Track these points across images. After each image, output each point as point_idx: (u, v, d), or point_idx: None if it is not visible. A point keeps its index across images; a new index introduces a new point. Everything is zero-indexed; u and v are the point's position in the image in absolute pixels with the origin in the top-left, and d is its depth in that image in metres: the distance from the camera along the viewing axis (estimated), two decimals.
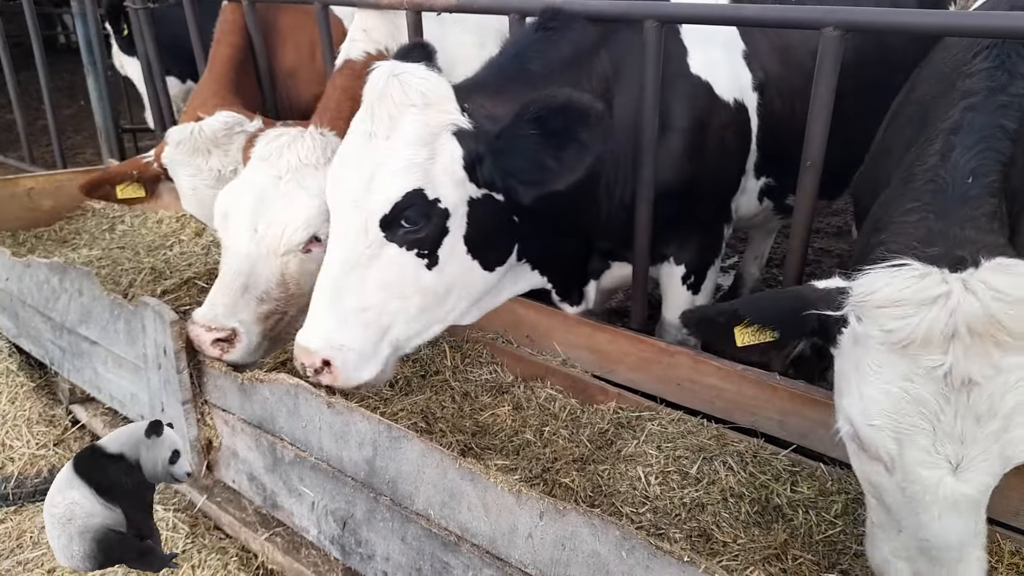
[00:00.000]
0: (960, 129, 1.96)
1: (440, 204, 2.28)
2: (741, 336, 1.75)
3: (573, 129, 2.16)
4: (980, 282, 1.46)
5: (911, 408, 1.49)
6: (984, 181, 1.83)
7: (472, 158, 2.28)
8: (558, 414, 2.69)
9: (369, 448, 2.11)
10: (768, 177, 3.21)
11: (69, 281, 3.01)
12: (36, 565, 2.61)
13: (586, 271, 3.05)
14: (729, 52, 2.99)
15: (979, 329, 1.43)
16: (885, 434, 1.53)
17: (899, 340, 1.49)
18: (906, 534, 1.62)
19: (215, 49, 3.89)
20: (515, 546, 1.82)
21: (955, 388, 1.46)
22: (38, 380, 3.47)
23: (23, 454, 3.06)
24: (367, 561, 2.18)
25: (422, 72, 2.29)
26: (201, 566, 2.48)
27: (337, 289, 2.28)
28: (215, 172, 3.09)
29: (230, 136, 3.10)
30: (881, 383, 1.53)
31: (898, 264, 1.55)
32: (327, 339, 2.27)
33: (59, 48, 15.09)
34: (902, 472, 1.55)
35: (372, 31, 3.29)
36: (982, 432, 1.46)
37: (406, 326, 2.39)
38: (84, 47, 5.57)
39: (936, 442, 1.48)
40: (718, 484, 2.27)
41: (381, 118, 2.26)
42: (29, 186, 4.44)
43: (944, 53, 2.51)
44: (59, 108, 6.66)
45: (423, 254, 2.31)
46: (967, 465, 1.49)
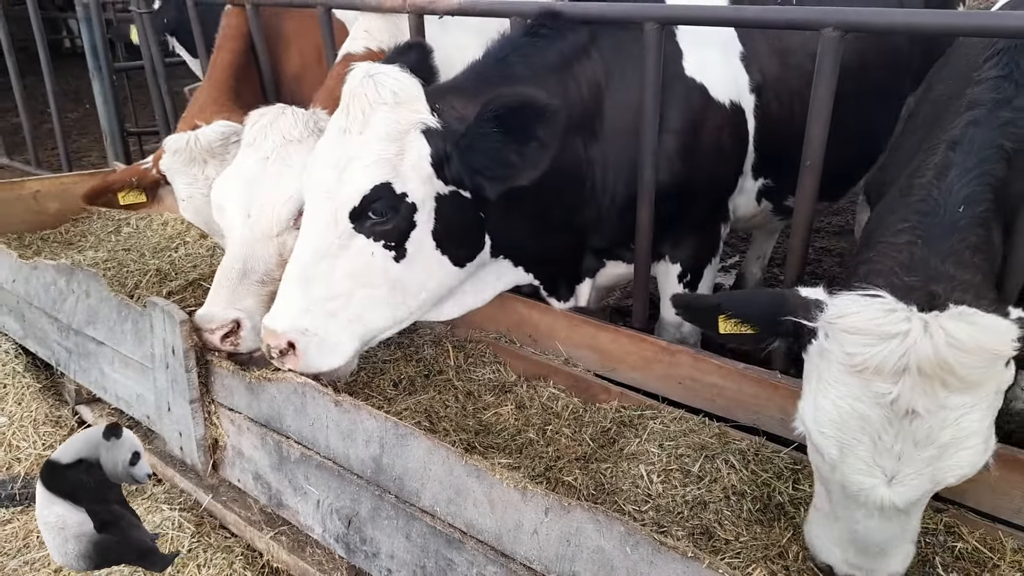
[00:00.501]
0: (960, 145, 2.00)
1: (408, 199, 2.37)
2: (724, 325, 1.86)
3: (531, 127, 2.25)
4: (940, 327, 1.55)
5: (856, 423, 1.63)
6: (975, 211, 1.88)
7: (439, 156, 2.38)
8: (561, 413, 2.70)
9: (376, 445, 2.13)
10: (766, 178, 3.23)
11: (76, 282, 3.04)
12: (43, 564, 2.62)
13: (579, 269, 3.07)
14: (726, 54, 3.00)
15: (928, 370, 1.54)
16: (830, 441, 1.68)
17: (855, 364, 1.61)
18: (841, 524, 1.80)
19: (216, 55, 3.90)
20: (520, 542, 1.83)
21: (899, 415, 1.58)
22: (44, 381, 3.49)
23: (30, 455, 3.07)
24: (372, 559, 2.19)
25: (395, 73, 2.39)
26: (206, 565, 2.50)
27: (306, 276, 2.36)
28: (211, 182, 3.12)
29: (226, 146, 3.13)
30: (834, 397, 1.66)
31: (872, 294, 1.66)
32: (294, 322, 2.34)
33: (64, 52, 15.13)
34: (841, 474, 1.69)
35: (374, 31, 3.33)
36: (919, 455, 1.59)
37: (373, 317, 2.46)
38: (89, 51, 5.59)
39: (875, 455, 1.63)
40: (720, 482, 2.28)
41: (355, 115, 2.36)
42: (35, 189, 4.47)
43: (962, 52, 2.52)
44: (65, 112, 6.70)
45: (390, 246, 2.39)
46: (901, 480, 1.63)
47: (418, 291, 2.52)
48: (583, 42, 2.75)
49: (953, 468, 1.61)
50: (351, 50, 3.30)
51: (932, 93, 2.55)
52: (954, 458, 1.59)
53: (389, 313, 2.50)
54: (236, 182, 2.80)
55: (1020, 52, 2.12)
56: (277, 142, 2.80)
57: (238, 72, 3.77)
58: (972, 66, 2.25)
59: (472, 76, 2.66)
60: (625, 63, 2.76)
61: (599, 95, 2.76)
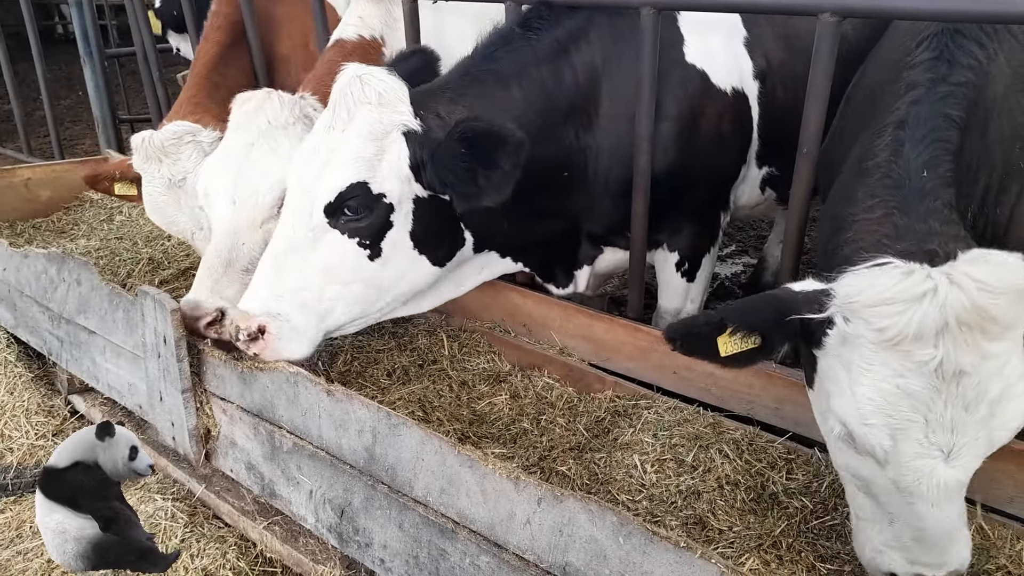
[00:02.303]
0: (907, 123, 2.01)
1: (385, 199, 2.39)
2: (724, 346, 1.76)
3: (494, 154, 2.26)
4: (964, 275, 1.49)
5: (904, 403, 1.52)
6: (937, 172, 1.87)
7: (417, 160, 2.39)
8: (555, 403, 2.70)
9: (369, 435, 2.12)
10: (771, 167, 3.20)
11: (67, 271, 3.01)
12: (36, 555, 2.61)
13: (575, 256, 3.06)
14: (730, 40, 2.97)
15: (968, 320, 1.47)
16: (880, 431, 1.56)
17: (891, 337, 1.51)
18: (899, 524, 1.66)
19: (201, 46, 3.90)
20: (513, 532, 1.82)
21: (946, 379, 1.49)
22: (36, 370, 3.47)
23: (22, 444, 3.06)
24: (365, 549, 2.19)
25: (382, 75, 2.42)
26: (200, 555, 2.49)
27: (280, 266, 2.41)
28: (165, 180, 3.12)
29: (179, 145, 3.12)
30: (874, 381, 1.55)
31: (881, 263, 1.58)
32: (266, 307, 2.38)
33: (56, 38, 15.01)
34: (896, 466, 1.58)
35: (367, 18, 3.30)
36: (971, 419, 1.51)
37: (345, 312, 2.48)
38: (81, 37, 5.55)
39: (928, 433, 1.52)
40: (714, 472, 2.28)
41: (340, 113, 2.40)
42: (27, 177, 4.44)
43: (892, 40, 2.54)
44: (57, 99, 6.65)
45: (364, 244, 2.41)
46: (957, 452, 1.53)
47: (392, 289, 2.54)
48: (580, 28, 2.72)
49: (1007, 423, 1.53)
50: (343, 36, 3.27)
51: (865, 79, 2.55)
52: (1007, 412, 1.51)
53: (360, 309, 2.52)
54: (220, 167, 2.78)
55: (949, 35, 2.17)
56: (262, 127, 2.78)
57: (221, 66, 3.77)
58: (904, 51, 2.27)
59: (459, 75, 2.65)
60: (623, 49, 2.74)
61: (596, 82, 2.73)
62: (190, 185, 3.05)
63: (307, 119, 2.84)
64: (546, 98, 2.64)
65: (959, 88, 2.05)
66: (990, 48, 2.17)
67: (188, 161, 3.08)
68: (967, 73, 2.09)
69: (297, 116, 2.81)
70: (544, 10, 2.73)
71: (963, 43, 2.16)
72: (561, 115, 2.68)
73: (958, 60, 2.11)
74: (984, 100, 2.10)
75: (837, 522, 2.10)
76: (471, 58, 2.70)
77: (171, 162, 3.10)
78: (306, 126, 2.81)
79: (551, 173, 2.70)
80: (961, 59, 2.12)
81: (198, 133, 3.18)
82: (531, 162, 2.60)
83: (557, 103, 2.66)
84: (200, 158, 3.05)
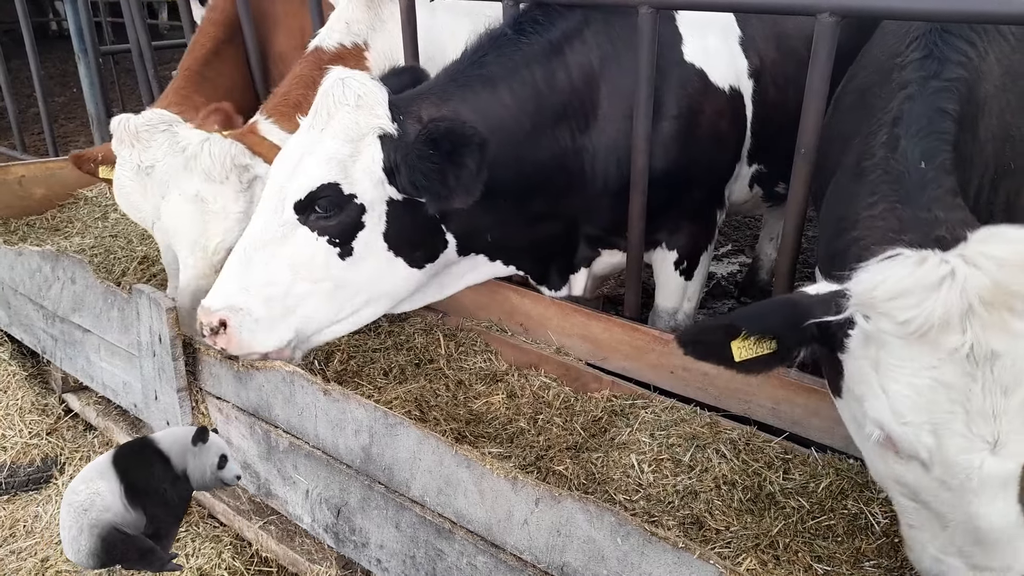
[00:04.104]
0: (901, 120, 2.00)
1: (356, 200, 2.40)
2: (739, 351, 1.70)
3: (460, 154, 2.27)
4: (979, 254, 1.43)
5: (941, 395, 1.45)
6: (936, 161, 1.84)
7: (391, 163, 2.40)
8: (552, 402, 2.69)
9: (365, 435, 2.11)
10: (760, 164, 3.22)
11: (62, 269, 3.00)
12: (29, 554, 2.60)
13: (571, 259, 3.06)
14: (726, 39, 2.98)
15: (991, 300, 1.41)
16: (920, 428, 1.49)
17: (916, 328, 1.45)
18: (954, 528, 1.57)
19: (195, 38, 3.90)
20: (510, 532, 1.82)
21: (979, 365, 1.43)
22: (30, 369, 3.46)
23: (16, 443, 3.05)
24: (361, 549, 2.18)
25: (364, 78, 2.43)
26: (195, 554, 2.48)
27: (248, 260, 2.41)
28: (135, 166, 3.12)
29: (153, 133, 3.10)
30: (906, 377, 1.48)
31: (890, 255, 1.52)
32: (227, 301, 2.38)
33: (51, 35, 14.96)
34: (942, 465, 1.50)
35: (353, 23, 3.29)
36: (1011, 403, 1.43)
37: (316, 310, 2.48)
38: (75, 34, 5.51)
39: (970, 424, 1.45)
40: (711, 472, 2.27)
41: (320, 114, 2.43)
42: (20, 174, 4.41)
43: (880, 41, 2.54)
44: (51, 96, 6.62)
45: (334, 242, 2.42)
46: (1004, 440, 1.45)
47: (367, 290, 2.55)
48: (575, 29, 2.72)
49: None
50: (323, 44, 3.27)
51: (855, 82, 2.54)
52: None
53: (334, 308, 2.51)
54: (176, 216, 2.91)
55: (938, 34, 2.18)
56: (201, 180, 2.88)
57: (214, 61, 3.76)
58: (894, 53, 2.27)
59: (445, 79, 2.65)
60: (621, 49, 2.73)
61: (592, 82, 2.73)
62: (157, 173, 3.06)
63: (242, 169, 2.92)
64: (537, 100, 2.64)
65: (952, 83, 2.04)
66: (980, 47, 2.17)
67: (159, 150, 3.09)
68: (959, 70, 2.09)
69: (229, 169, 2.88)
70: (537, 13, 2.73)
71: (953, 41, 2.16)
72: (554, 117, 2.68)
73: (949, 57, 2.11)
74: (976, 98, 2.09)
75: (834, 522, 2.10)
76: (459, 62, 2.69)
77: (142, 148, 3.10)
78: (239, 179, 2.90)
79: (545, 175, 2.69)
80: (952, 56, 2.11)
81: (175, 124, 3.19)
82: (522, 164, 2.61)
83: (550, 105, 2.66)
84: (172, 149, 3.06)
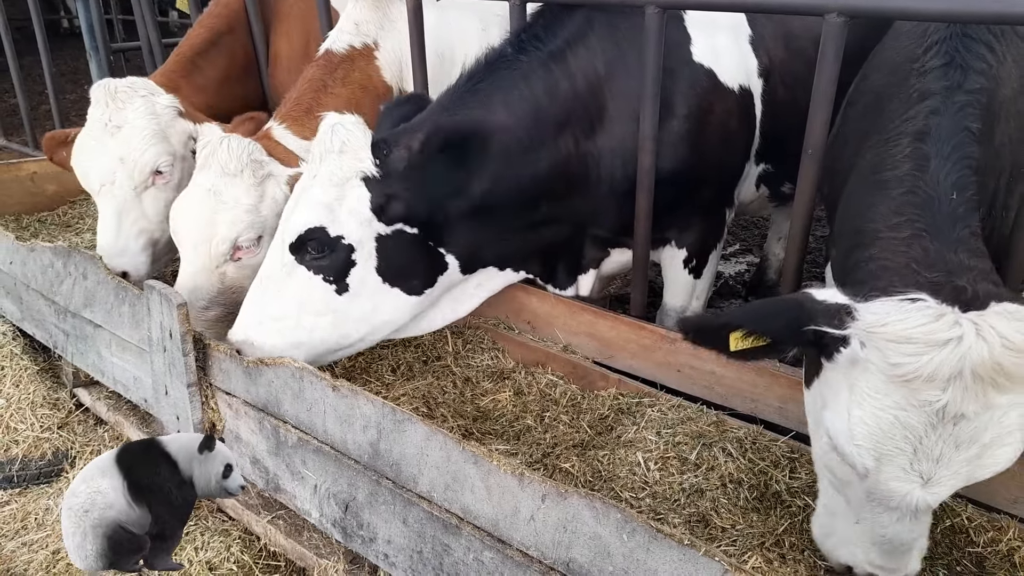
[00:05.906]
0: (929, 136, 1.98)
1: (344, 240, 2.55)
2: (735, 342, 1.75)
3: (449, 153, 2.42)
4: (991, 328, 1.48)
5: (898, 433, 1.54)
6: (966, 195, 1.86)
7: (379, 200, 2.54)
8: (559, 400, 2.70)
9: (373, 431, 2.12)
10: (767, 164, 3.22)
11: (73, 265, 3.02)
12: (41, 546, 2.63)
13: (579, 259, 3.07)
14: (737, 38, 2.98)
15: (983, 373, 1.47)
16: (867, 453, 1.58)
17: (903, 375, 1.51)
18: (863, 526, 1.72)
19: (194, 28, 3.93)
20: (517, 528, 1.83)
21: (944, 420, 1.51)
22: (42, 364, 3.49)
23: (27, 437, 3.08)
24: (368, 544, 2.19)
25: (352, 124, 2.58)
26: (204, 548, 2.50)
27: (264, 291, 2.63)
28: (102, 124, 3.17)
29: (131, 96, 3.17)
30: (873, 409, 1.56)
31: (913, 298, 1.56)
32: (245, 333, 2.61)
33: (62, 32, 15.01)
34: (874, 482, 1.61)
35: (362, 24, 3.31)
36: (959, 456, 1.54)
37: (322, 340, 2.64)
38: (86, 31, 5.56)
39: (914, 462, 1.55)
40: (717, 470, 2.28)
41: (315, 159, 2.61)
42: (32, 171, 4.45)
43: (895, 42, 2.51)
44: (62, 93, 6.65)
45: (330, 280, 2.59)
46: (937, 480, 1.56)
47: (369, 319, 2.68)
48: (579, 33, 2.73)
49: (990, 465, 1.56)
50: (333, 47, 3.29)
51: (868, 83, 2.52)
52: (994, 456, 1.55)
53: (338, 337, 2.66)
54: (184, 211, 2.94)
55: (959, 39, 2.15)
56: (216, 174, 2.91)
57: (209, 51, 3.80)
58: (910, 57, 2.25)
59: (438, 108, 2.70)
60: (627, 50, 2.74)
61: (598, 87, 2.74)
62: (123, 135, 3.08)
63: (257, 164, 2.95)
64: (536, 115, 2.67)
65: (975, 96, 2.02)
66: (999, 51, 2.15)
67: (131, 112, 3.12)
68: (980, 79, 2.07)
69: (245, 163, 2.91)
70: (539, 27, 2.75)
71: (973, 47, 2.13)
72: (556, 127, 2.70)
73: (971, 65, 2.08)
74: (994, 105, 2.08)
75: None
76: (453, 88, 2.74)
77: (116, 108, 3.14)
78: (254, 174, 2.93)
79: (547, 184, 2.73)
80: (974, 64, 2.09)
81: (156, 94, 3.21)
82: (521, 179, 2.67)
83: (551, 116, 2.69)
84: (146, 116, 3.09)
